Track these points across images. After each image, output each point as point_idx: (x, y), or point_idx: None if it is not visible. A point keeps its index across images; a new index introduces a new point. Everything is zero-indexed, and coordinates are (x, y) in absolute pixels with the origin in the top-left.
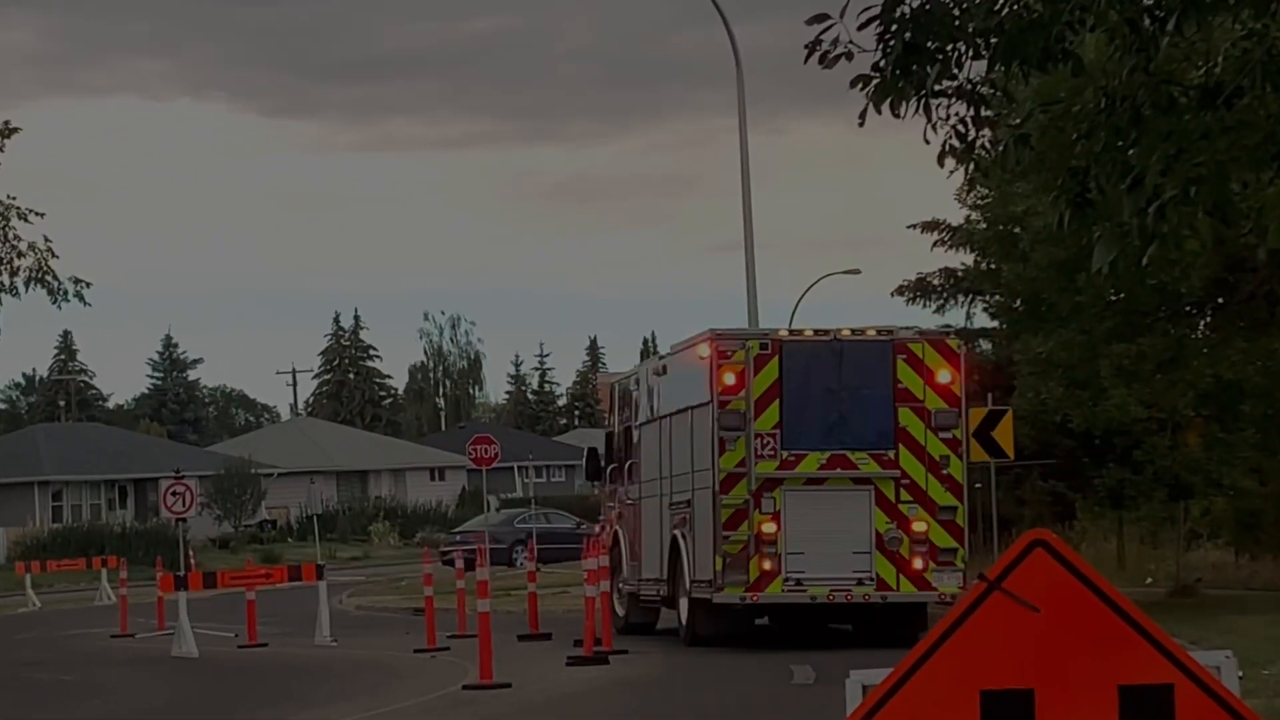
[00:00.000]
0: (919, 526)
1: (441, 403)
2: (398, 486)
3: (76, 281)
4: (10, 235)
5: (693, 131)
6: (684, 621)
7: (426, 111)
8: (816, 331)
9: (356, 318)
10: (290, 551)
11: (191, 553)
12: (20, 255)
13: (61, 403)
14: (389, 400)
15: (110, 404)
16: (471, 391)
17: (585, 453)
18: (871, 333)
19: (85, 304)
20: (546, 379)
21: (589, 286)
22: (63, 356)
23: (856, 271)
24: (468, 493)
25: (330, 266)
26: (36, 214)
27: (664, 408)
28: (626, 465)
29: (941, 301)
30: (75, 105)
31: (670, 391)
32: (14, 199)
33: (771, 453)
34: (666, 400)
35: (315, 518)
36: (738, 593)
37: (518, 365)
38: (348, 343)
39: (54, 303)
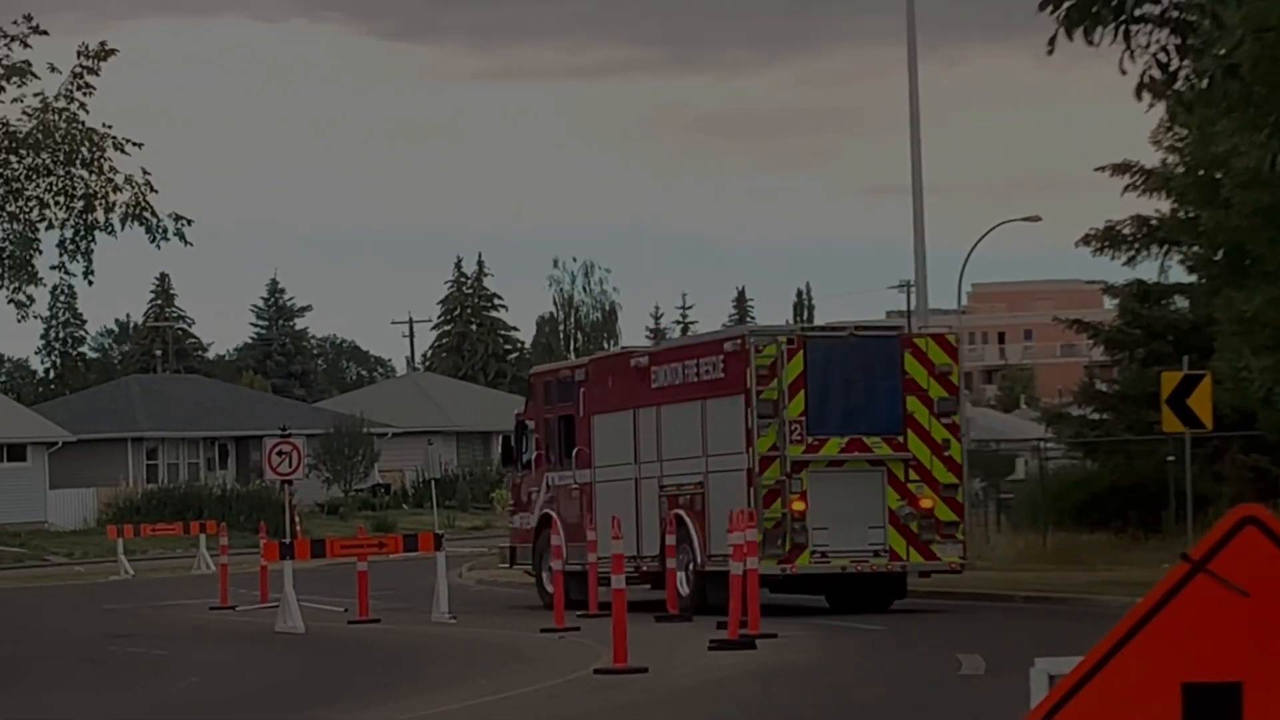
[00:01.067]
0: (926, 503)
1: (572, 358)
2: None
3: (177, 219)
4: (106, 167)
5: (856, 61)
6: (688, 592)
7: (562, 36)
8: (832, 328)
9: (480, 263)
10: (405, 519)
11: (298, 519)
12: (116, 189)
13: (158, 352)
14: (515, 355)
15: (210, 354)
16: (605, 346)
17: (500, 441)
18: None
19: (186, 243)
20: (689, 333)
21: (737, 232)
22: (160, 302)
23: (1037, 219)
24: None
25: (452, 207)
26: (134, 144)
27: (653, 398)
28: (571, 452)
29: (1133, 253)
30: (177, 26)
31: (666, 383)
32: (110, 128)
33: (799, 438)
34: (657, 390)
35: (433, 482)
36: (774, 564)
37: (657, 318)
38: (470, 291)
39: (152, 241)
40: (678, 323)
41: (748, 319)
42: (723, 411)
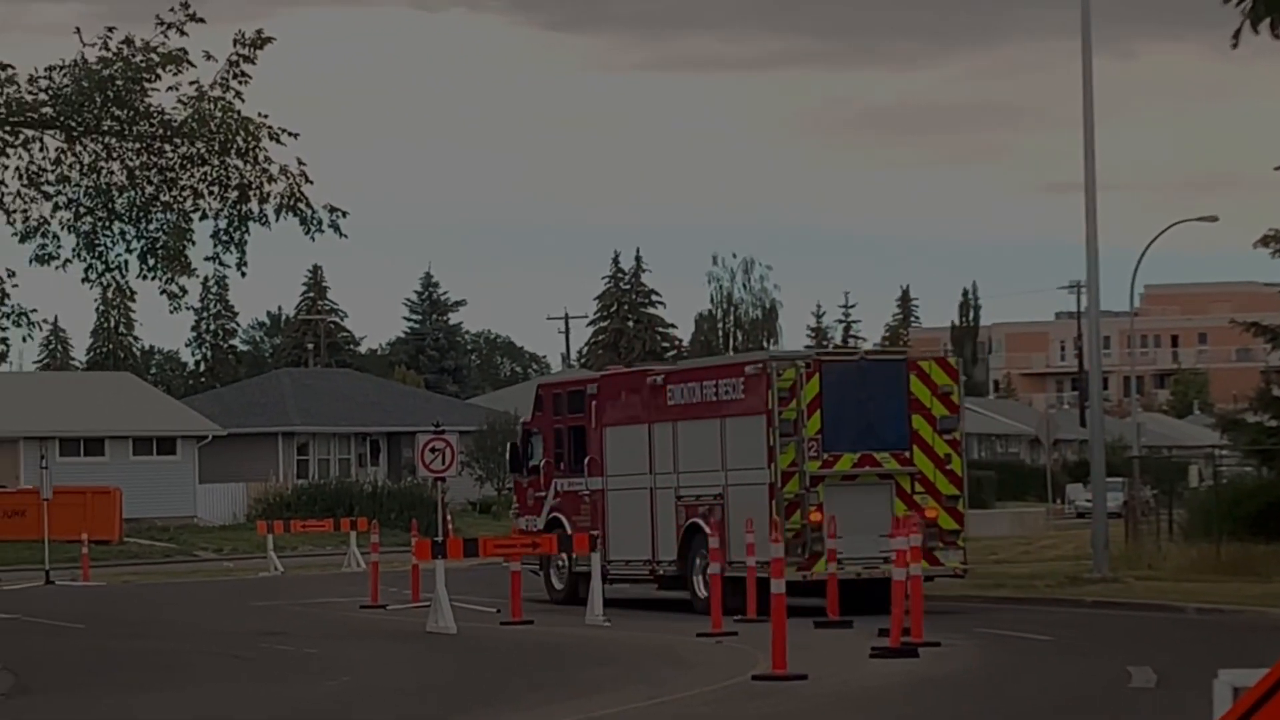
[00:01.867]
0: (930, 513)
1: (731, 355)
2: None
3: (332, 210)
4: (261, 157)
5: (1030, 54)
6: (703, 594)
7: (729, 27)
8: (845, 353)
9: (638, 258)
10: None
11: (450, 517)
12: (271, 180)
13: (310, 346)
14: (672, 352)
15: (363, 348)
16: (766, 345)
17: (508, 447)
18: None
19: (341, 235)
20: (852, 332)
21: (903, 229)
22: (312, 294)
23: (1213, 219)
24: None
25: (610, 200)
26: (290, 134)
27: (669, 414)
28: (582, 460)
29: None
30: (336, 14)
31: (683, 400)
32: (265, 117)
33: (815, 454)
34: (674, 407)
35: None
36: (793, 571)
37: (819, 316)
38: (627, 286)
39: (307, 233)
40: (840, 321)
41: (911, 319)
42: (743, 429)
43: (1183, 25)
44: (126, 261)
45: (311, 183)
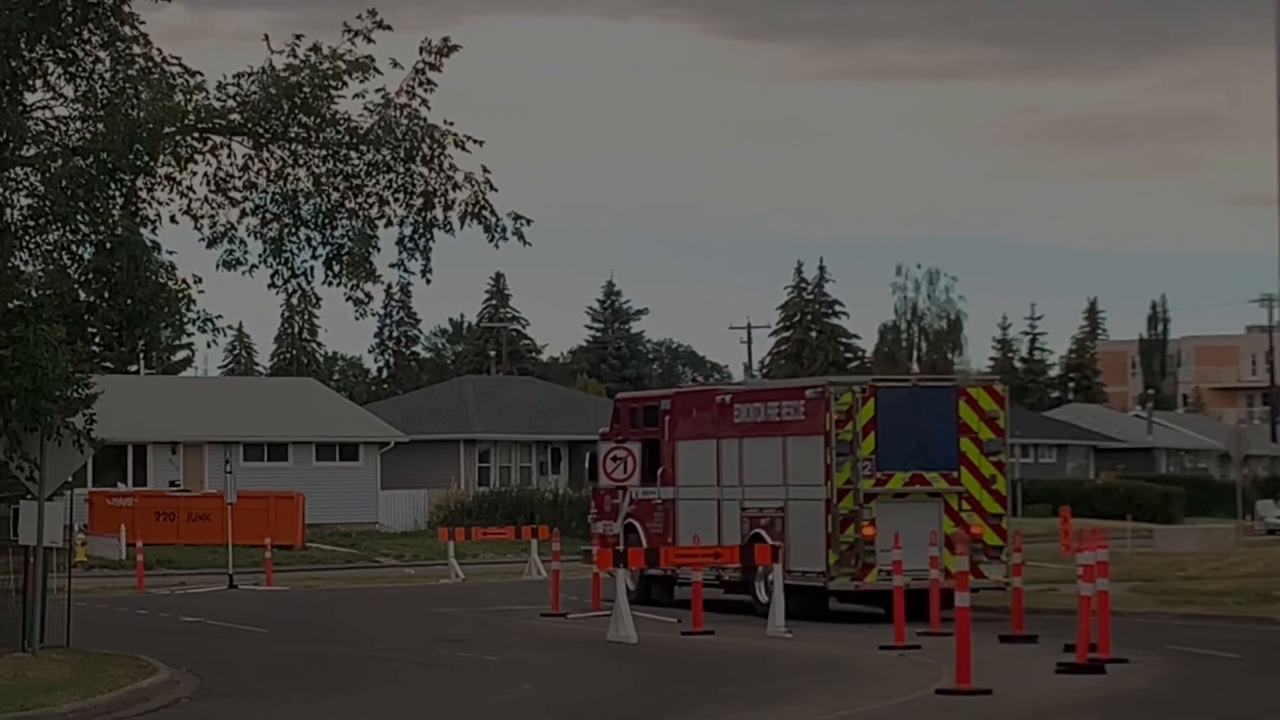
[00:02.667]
0: (976, 529)
1: (916, 368)
2: None
3: (516, 218)
4: (446, 165)
5: (1222, 65)
6: (764, 599)
7: (918, 36)
8: (899, 379)
9: (821, 268)
10: None
11: None
12: (456, 187)
13: (491, 353)
14: (855, 363)
15: (544, 356)
16: (950, 356)
17: (588, 457)
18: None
19: (525, 243)
20: (1037, 345)
21: (1090, 241)
22: (494, 302)
23: None
24: None
25: (793, 209)
26: (475, 141)
27: (735, 431)
28: (656, 471)
29: None
30: (524, 22)
31: (748, 419)
32: (451, 124)
33: (869, 473)
34: (740, 425)
35: None
36: (847, 581)
37: (1004, 328)
38: (810, 296)
39: (491, 240)
40: (1025, 334)
41: (1098, 332)
42: (803, 448)
43: None
44: (312, 268)
45: (496, 190)
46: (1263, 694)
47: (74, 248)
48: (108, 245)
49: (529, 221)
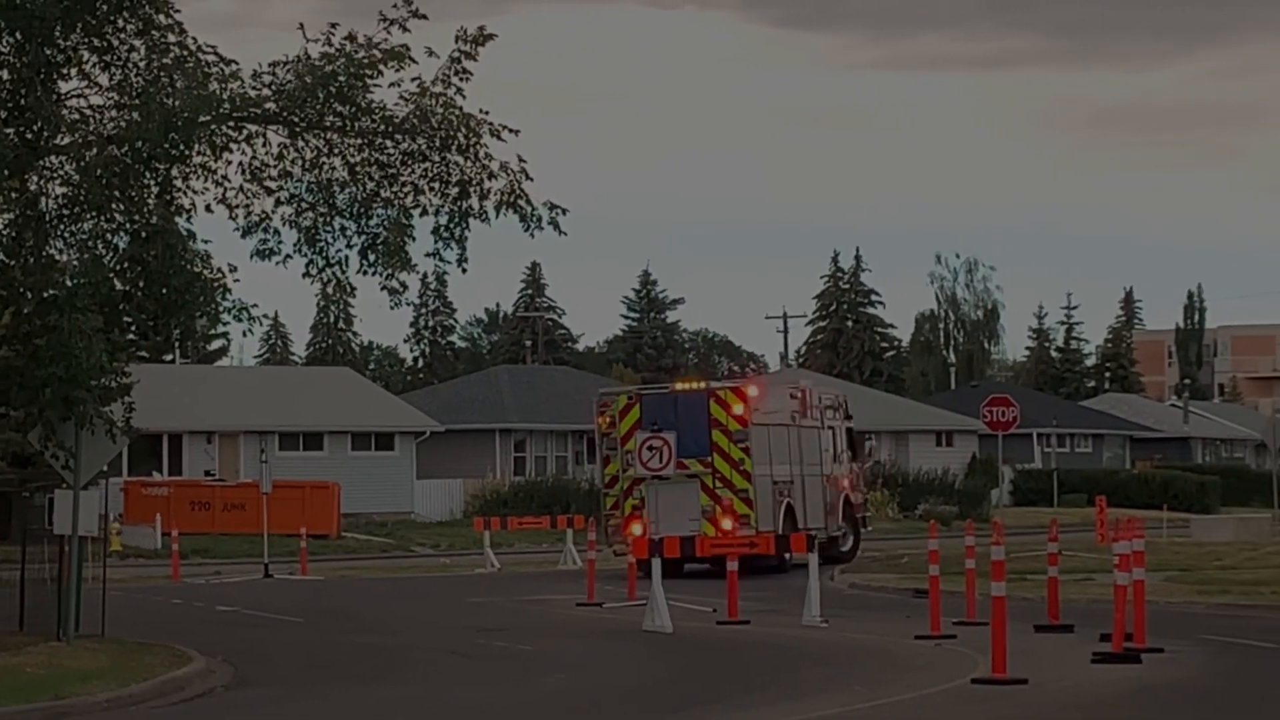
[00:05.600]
0: (727, 502)
1: (952, 358)
2: (899, 451)
3: (552, 207)
4: (481, 154)
5: (1267, 54)
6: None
7: (964, 25)
8: (660, 386)
9: (858, 257)
10: None
11: None
12: (491, 177)
13: (528, 343)
14: (892, 353)
15: (580, 346)
16: (987, 346)
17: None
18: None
19: (560, 232)
20: (1074, 334)
21: (1129, 230)
22: (530, 291)
23: None
24: (978, 461)
25: (832, 198)
26: (511, 131)
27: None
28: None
29: None
30: (566, 11)
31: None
32: (486, 114)
33: (633, 462)
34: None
35: None
36: (624, 548)
37: (1040, 318)
38: (847, 286)
39: (526, 230)
40: (1061, 323)
41: (1135, 321)
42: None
43: None
44: (347, 257)
45: (532, 180)
46: None
47: (109, 237)
48: (143, 234)
49: (564, 211)
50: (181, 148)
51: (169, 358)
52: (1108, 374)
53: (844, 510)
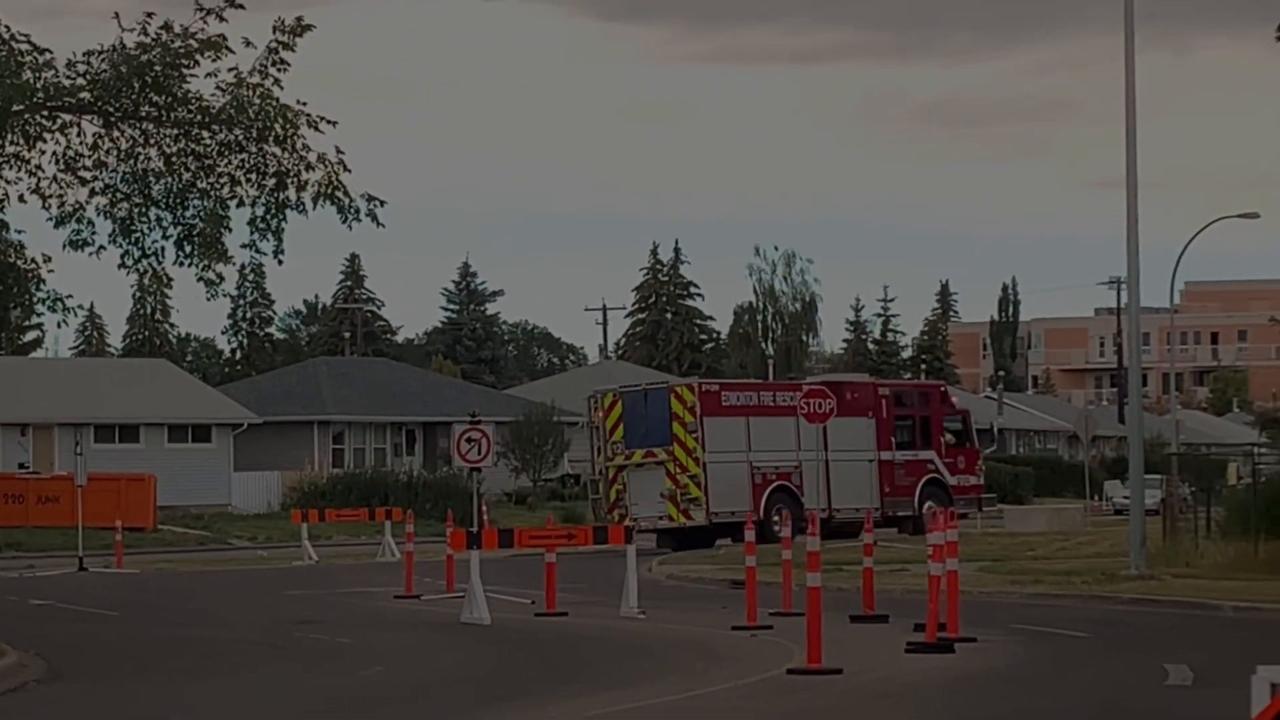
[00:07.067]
0: (683, 485)
1: (770, 349)
2: None
3: (370, 199)
4: (299, 145)
5: (1079, 50)
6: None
7: (785, 19)
8: (633, 386)
9: (677, 250)
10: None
11: (485, 507)
12: (309, 168)
13: (346, 335)
14: (710, 345)
15: (399, 338)
16: (804, 338)
17: None
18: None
19: (378, 224)
20: (890, 326)
21: (945, 223)
22: (349, 283)
23: (1255, 215)
24: None
25: (651, 190)
26: (329, 122)
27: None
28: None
29: None
30: (388, 2)
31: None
32: (304, 104)
33: (619, 451)
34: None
35: None
36: (615, 521)
37: (858, 310)
38: (666, 278)
39: (344, 221)
40: (878, 315)
41: (950, 313)
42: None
43: (1239, 17)
44: (163, 248)
45: (350, 171)
46: (1106, 671)
47: None
48: None
49: (383, 203)
50: None
51: None
52: (924, 366)
53: (923, 491)
